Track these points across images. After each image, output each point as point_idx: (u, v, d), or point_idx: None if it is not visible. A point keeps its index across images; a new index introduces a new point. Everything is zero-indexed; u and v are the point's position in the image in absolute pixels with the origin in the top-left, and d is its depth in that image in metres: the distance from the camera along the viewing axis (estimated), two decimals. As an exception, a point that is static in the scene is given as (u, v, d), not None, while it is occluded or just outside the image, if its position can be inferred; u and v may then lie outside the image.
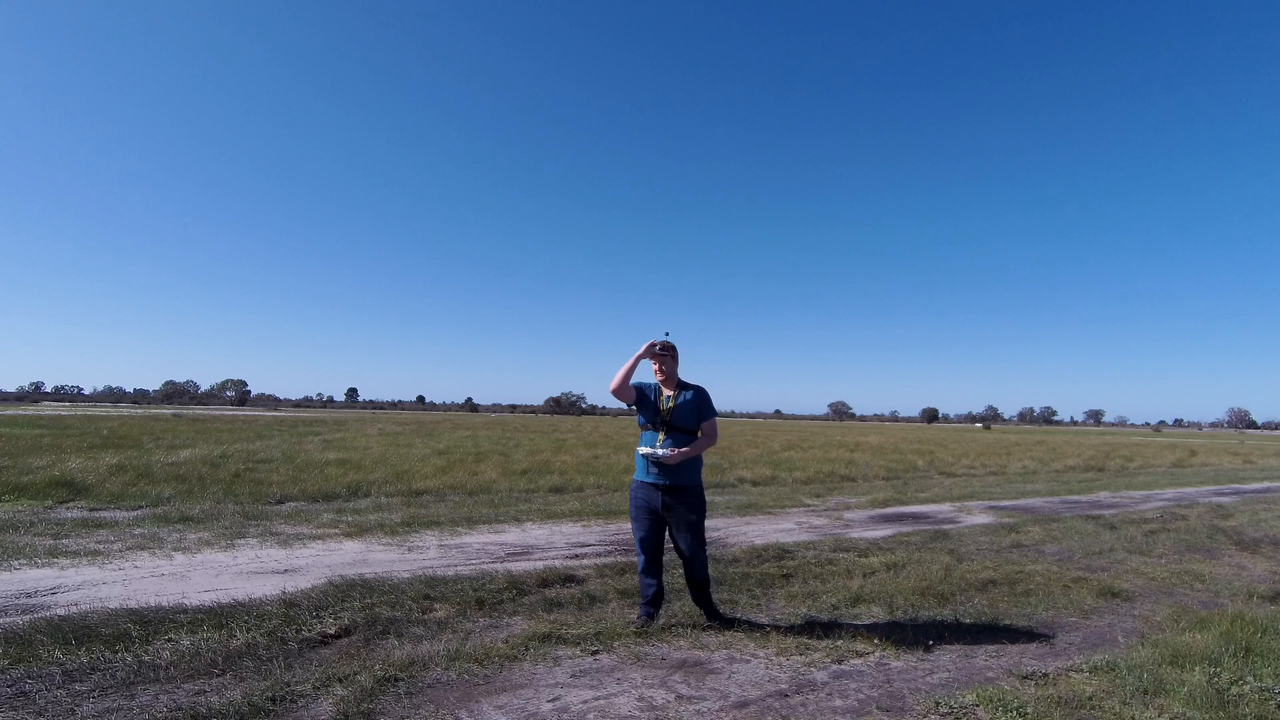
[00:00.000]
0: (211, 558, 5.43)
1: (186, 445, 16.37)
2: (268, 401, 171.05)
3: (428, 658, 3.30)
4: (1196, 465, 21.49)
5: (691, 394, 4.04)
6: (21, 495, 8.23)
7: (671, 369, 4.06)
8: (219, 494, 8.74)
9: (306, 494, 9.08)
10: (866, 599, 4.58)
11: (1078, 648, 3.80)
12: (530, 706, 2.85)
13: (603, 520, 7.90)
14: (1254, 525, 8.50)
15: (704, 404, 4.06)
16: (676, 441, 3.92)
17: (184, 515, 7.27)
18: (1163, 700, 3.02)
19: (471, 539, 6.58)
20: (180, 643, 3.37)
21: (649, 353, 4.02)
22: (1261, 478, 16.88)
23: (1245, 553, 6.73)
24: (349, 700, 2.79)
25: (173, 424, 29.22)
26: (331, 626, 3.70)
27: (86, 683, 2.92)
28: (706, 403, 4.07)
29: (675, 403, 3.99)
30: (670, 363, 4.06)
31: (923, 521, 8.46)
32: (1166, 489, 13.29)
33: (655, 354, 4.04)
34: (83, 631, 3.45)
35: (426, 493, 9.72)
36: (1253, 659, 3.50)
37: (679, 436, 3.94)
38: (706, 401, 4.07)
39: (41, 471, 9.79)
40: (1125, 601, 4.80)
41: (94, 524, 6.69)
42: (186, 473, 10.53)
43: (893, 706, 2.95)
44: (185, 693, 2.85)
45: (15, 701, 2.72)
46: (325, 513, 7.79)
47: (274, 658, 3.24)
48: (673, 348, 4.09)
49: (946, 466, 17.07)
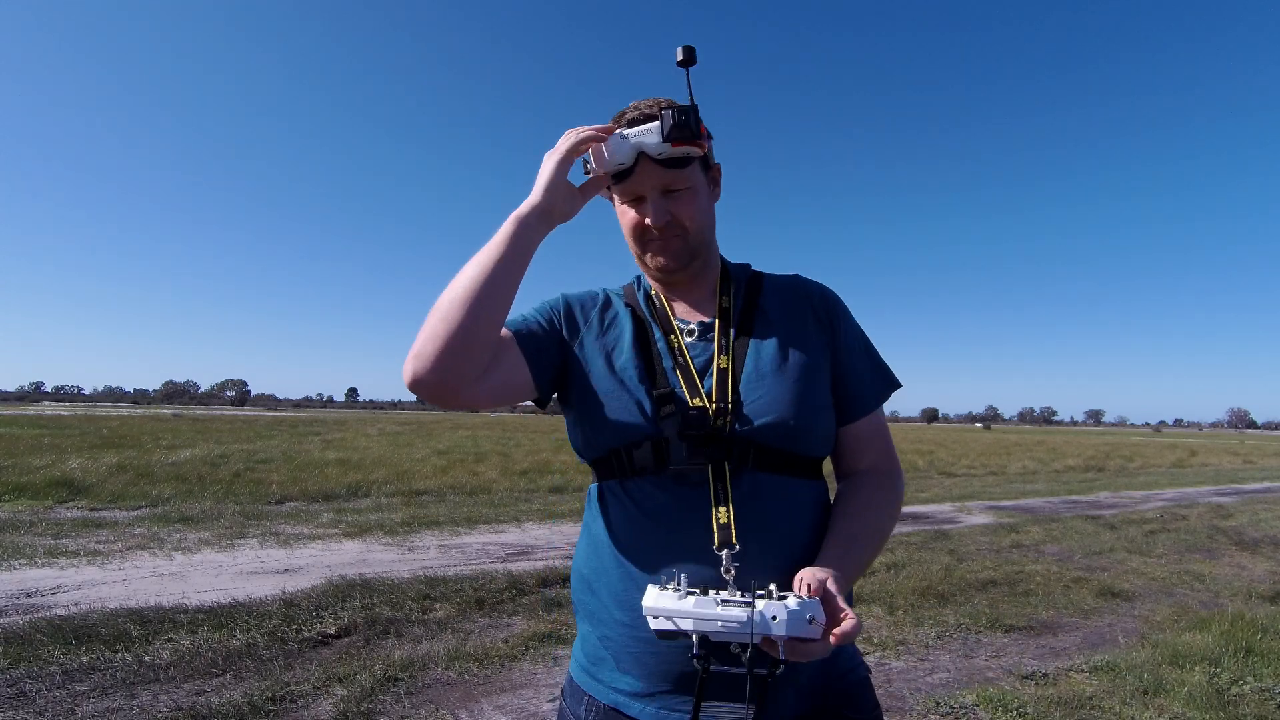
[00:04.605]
0: (211, 558, 5.43)
1: (186, 445, 16.37)
2: (268, 401, 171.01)
3: (428, 658, 3.30)
4: (1196, 465, 21.49)
5: (788, 301, 1.06)
6: (21, 495, 8.22)
7: (692, 210, 0.99)
8: (219, 494, 8.74)
9: (306, 494, 9.08)
10: (867, 599, 4.57)
11: (1078, 648, 3.79)
12: (530, 706, 2.85)
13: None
14: (1254, 525, 8.49)
15: (840, 335, 1.04)
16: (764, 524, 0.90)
17: (184, 515, 7.27)
18: (1163, 700, 3.02)
19: (471, 539, 6.58)
20: (180, 643, 3.37)
21: (585, 148, 0.96)
22: (1261, 478, 16.88)
23: (1245, 553, 6.73)
24: (349, 700, 2.79)
25: (173, 424, 29.21)
26: (331, 626, 3.70)
27: (86, 683, 2.92)
28: (840, 328, 1.04)
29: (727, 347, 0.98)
30: (690, 173, 0.98)
31: (923, 521, 8.47)
32: (1166, 489, 13.29)
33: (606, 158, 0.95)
34: (83, 631, 3.45)
35: (426, 493, 9.72)
36: (1253, 659, 3.50)
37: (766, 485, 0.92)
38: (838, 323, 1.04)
39: (41, 471, 9.78)
40: (1125, 601, 4.80)
41: (94, 524, 6.68)
42: (186, 473, 10.52)
43: (893, 706, 2.95)
44: (185, 693, 2.85)
45: (15, 701, 2.72)
46: (325, 513, 7.79)
47: (274, 658, 3.24)
48: (688, 117, 0.90)
49: (946, 466, 17.07)
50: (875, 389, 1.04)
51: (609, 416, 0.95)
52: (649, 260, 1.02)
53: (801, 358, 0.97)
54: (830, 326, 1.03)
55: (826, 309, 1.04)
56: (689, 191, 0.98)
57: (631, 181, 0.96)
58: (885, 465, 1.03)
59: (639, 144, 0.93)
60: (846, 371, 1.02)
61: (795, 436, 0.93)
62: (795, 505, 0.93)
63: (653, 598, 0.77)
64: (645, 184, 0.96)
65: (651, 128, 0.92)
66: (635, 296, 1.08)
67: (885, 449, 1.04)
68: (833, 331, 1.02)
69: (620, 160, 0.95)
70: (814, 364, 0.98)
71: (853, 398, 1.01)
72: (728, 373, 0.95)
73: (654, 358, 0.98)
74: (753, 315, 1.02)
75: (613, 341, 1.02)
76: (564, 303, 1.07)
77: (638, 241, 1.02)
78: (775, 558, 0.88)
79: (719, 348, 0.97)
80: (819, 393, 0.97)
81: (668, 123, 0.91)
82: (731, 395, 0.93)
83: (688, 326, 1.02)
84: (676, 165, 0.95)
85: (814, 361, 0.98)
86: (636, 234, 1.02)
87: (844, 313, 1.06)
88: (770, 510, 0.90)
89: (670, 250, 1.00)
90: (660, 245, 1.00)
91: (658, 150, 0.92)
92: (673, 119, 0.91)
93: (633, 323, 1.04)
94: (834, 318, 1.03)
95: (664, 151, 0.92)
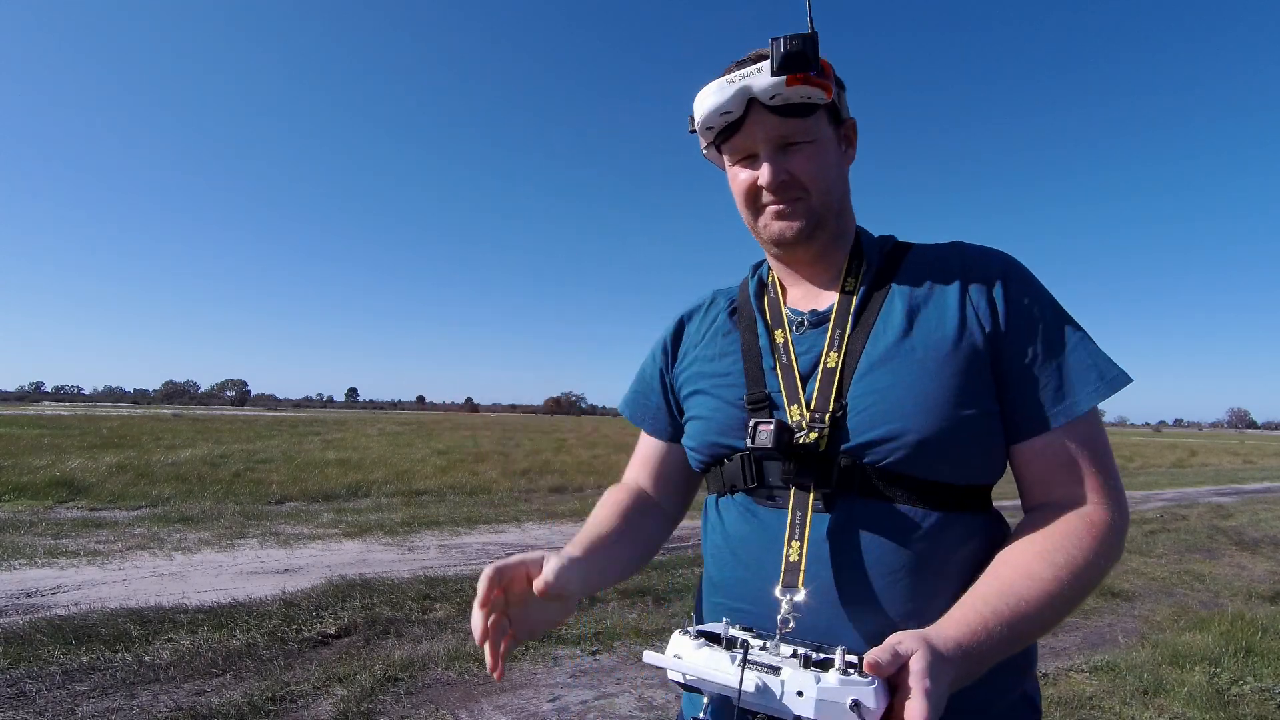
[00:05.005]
0: (211, 558, 5.43)
1: (186, 445, 16.37)
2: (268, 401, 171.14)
3: (428, 658, 3.30)
4: (1196, 465, 21.48)
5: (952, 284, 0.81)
6: (21, 495, 8.22)
7: (815, 166, 0.82)
8: (219, 494, 8.74)
9: (306, 494, 9.08)
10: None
11: (1078, 648, 3.80)
12: (530, 706, 2.85)
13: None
14: (1254, 525, 8.49)
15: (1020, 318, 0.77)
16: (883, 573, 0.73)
17: (184, 515, 7.27)
18: (1163, 700, 3.03)
19: (471, 539, 6.58)
20: (180, 643, 3.37)
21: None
22: (1261, 478, 16.88)
23: (1245, 553, 6.73)
24: (349, 700, 2.79)
25: (173, 424, 29.21)
26: (331, 626, 3.70)
27: (86, 683, 2.92)
28: (1012, 309, 0.78)
29: (839, 341, 0.80)
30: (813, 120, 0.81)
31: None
32: (1166, 489, 13.29)
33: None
34: (83, 631, 3.45)
35: (426, 493, 9.72)
36: (1253, 659, 3.50)
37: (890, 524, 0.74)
38: (1032, 303, 0.79)
39: (41, 471, 9.78)
40: (1125, 601, 4.80)
41: (94, 524, 6.68)
42: (186, 473, 10.52)
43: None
44: (185, 693, 2.85)
45: (15, 701, 2.73)
46: (325, 513, 7.79)
47: (274, 658, 3.24)
48: (805, 45, 0.74)
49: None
50: (1067, 395, 0.74)
51: (699, 426, 0.89)
52: (763, 230, 0.86)
53: (938, 351, 0.75)
54: (993, 308, 0.77)
55: (989, 283, 0.78)
56: (812, 145, 0.81)
57: (741, 135, 0.82)
58: (1084, 500, 0.73)
59: (746, 86, 0.78)
60: (1016, 370, 0.75)
61: (918, 456, 0.72)
62: (917, 545, 0.72)
63: (672, 643, 0.65)
64: (757, 136, 0.81)
65: (761, 66, 0.76)
66: (747, 288, 0.94)
67: (1089, 478, 0.74)
68: (997, 314, 0.76)
69: (726, 108, 0.80)
70: (957, 359, 0.74)
71: (1024, 406, 0.75)
72: (835, 373, 0.77)
73: (756, 357, 0.85)
74: (881, 300, 0.82)
75: (711, 346, 0.92)
76: (670, 330, 1.00)
77: (750, 208, 0.86)
78: (861, 610, 0.72)
79: (830, 342, 0.80)
80: (962, 398, 0.73)
81: (779, 52, 0.74)
82: (834, 401, 0.76)
83: (799, 317, 0.85)
84: (795, 114, 0.79)
85: (957, 355, 0.74)
86: (748, 199, 0.85)
87: (1022, 289, 0.79)
88: (869, 549, 0.73)
89: (787, 216, 0.83)
90: (775, 211, 0.83)
91: (770, 92, 0.77)
92: (785, 47, 0.74)
93: (734, 319, 0.92)
94: (1003, 295, 0.77)
95: (778, 94, 0.77)
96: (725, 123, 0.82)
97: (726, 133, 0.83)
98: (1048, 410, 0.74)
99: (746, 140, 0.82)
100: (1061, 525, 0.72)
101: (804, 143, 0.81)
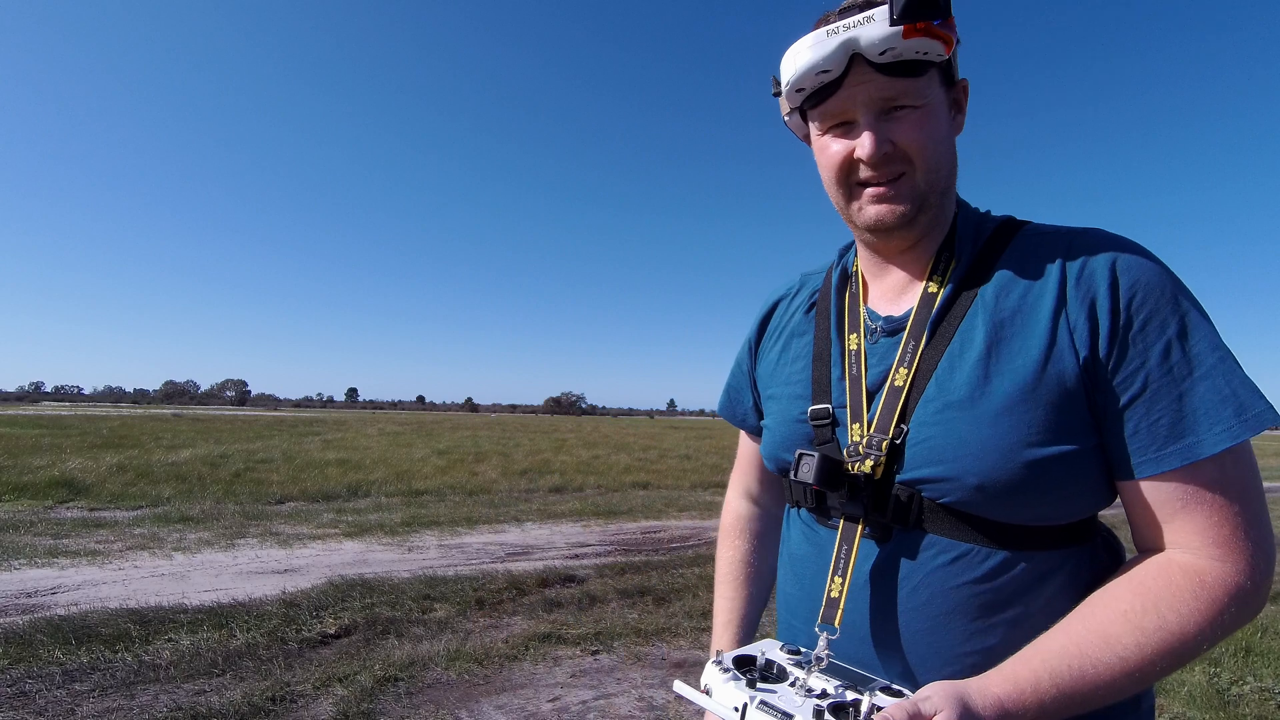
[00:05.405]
0: (211, 558, 5.43)
1: (186, 445, 16.37)
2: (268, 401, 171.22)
3: (428, 658, 3.30)
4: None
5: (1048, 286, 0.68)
6: (21, 495, 8.22)
7: (924, 135, 0.70)
8: (219, 494, 8.74)
9: (306, 494, 9.08)
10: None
11: (1078, 648, 3.80)
12: (530, 706, 2.85)
13: (603, 520, 7.90)
14: (1254, 525, 8.49)
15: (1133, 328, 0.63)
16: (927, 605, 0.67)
17: (184, 515, 7.27)
18: (1163, 700, 3.02)
19: (471, 539, 6.58)
20: (180, 643, 3.37)
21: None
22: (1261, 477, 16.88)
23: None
24: (349, 700, 2.79)
25: (173, 424, 29.20)
26: (331, 626, 3.70)
27: (86, 683, 2.92)
28: (1133, 328, 0.63)
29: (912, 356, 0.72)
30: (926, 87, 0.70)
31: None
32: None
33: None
34: (83, 631, 3.45)
35: (426, 493, 9.72)
36: (1253, 659, 3.50)
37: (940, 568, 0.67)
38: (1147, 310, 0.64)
39: (41, 471, 9.78)
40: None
41: (94, 524, 6.68)
42: (186, 473, 10.52)
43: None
44: (185, 693, 2.85)
45: (15, 701, 2.73)
46: (325, 513, 7.79)
47: (274, 658, 3.24)
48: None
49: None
50: (1189, 432, 0.61)
51: (767, 437, 0.83)
52: (857, 214, 0.74)
53: (1016, 383, 0.64)
54: (1095, 325, 0.63)
55: (1096, 292, 0.64)
56: (921, 110, 0.69)
57: (838, 97, 0.69)
58: (1201, 554, 0.61)
59: (853, 38, 0.65)
60: (1123, 401, 0.63)
61: (980, 500, 0.64)
62: (975, 587, 0.65)
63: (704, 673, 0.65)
64: (858, 99, 0.68)
65: (874, 13, 0.64)
66: (830, 278, 0.85)
67: (1214, 528, 0.61)
68: (1099, 333, 0.63)
69: (824, 65, 0.67)
70: (1039, 394, 0.63)
71: (1131, 443, 0.63)
72: (901, 393, 0.69)
73: (826, 364, 0.77)
74: (966, 305, 0.70)
75: (787, 346, 0.86)
76: (754, 325, 0.93)
77: (841, 186, 0.74)
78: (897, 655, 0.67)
79: (901, 355, 0.71)
80: (1041, 439, 0.62)
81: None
82: (895, 426, 0.68)
83: (876, 322, 0.76)
84: (906, 72, 0.66)
85: (1040, 390, 0.63)
86: (841, 175, 0.73)
87: (1141, 298, 0.63)
88: (919, 589, 0.66)
89: (889, 199, 0.71)
90: (875, 193, 0.71)
91: (882, 46, 0.64)
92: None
93: (810, 315, 0.84)
94: (1110, 308, 0.63)
95: (890, 48, 0.64)
96: (821, 83, 0.69)
97: (820, 95, 0.70)
98: (1161, 449, 0.61)
99: (844, 103, 0.70)
100: (1161, 581, 0.60)
101: (912, 107, 0.69)
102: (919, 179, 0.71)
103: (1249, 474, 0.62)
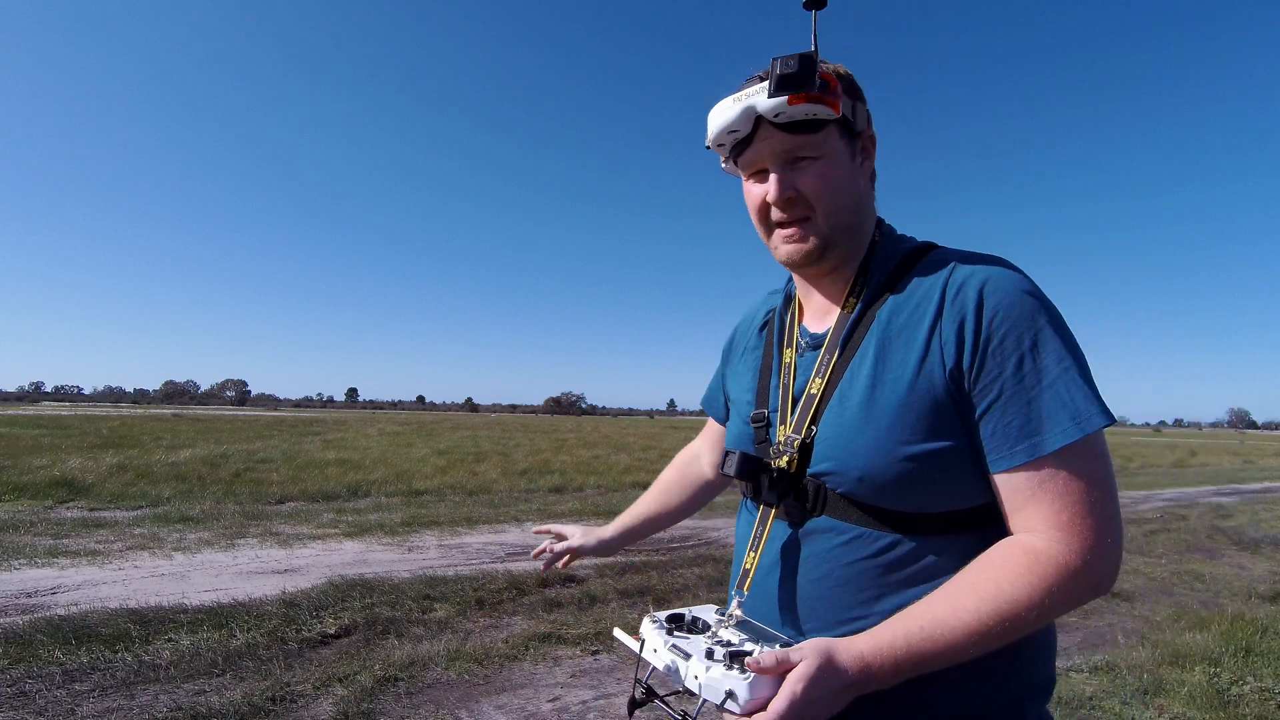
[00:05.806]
0: (211, 558, 5.43)
1: (186, 445, 16.36)
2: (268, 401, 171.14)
3: (428, 658, 3.30)
4: (1196, 465, 21.48)
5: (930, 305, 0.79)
6: (21, 495, 8.22)
7: (821, 181, 0.82)
8: (219, 494, 8.74)
9: (306, 494, 9.08)
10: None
11: (1078, 648, 3.80)
12: (530, 706, 2.85)
13: (603, 520, 7.89)
14: (1254, 525, 8.50)
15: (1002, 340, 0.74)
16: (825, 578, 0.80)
17: (184, 515, 7.27)
18: (1163, 700, 3.03)
19: (471, 539, 6.58)
20: (180, 643, 3.37)
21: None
22: (1261, 478, 16.88)
23: (1245, 553, 6.73)
24: (349, 700, 2.79)
25: (173, 424, 29.19)
26: (331, 626, 3.71)
27: (86, 683, 2.92)
28: (991, 346, 0.74)
29: (825, 368, 0.84)
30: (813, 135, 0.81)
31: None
32: (1166, 489, 13.28)
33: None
34: (83, 631, 3.45)
35: (426, 493, 9.72)
36: (1253, 659, 3.50)
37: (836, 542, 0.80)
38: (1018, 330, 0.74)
39: (41, 471, 9.78)
40: (1125, 601, 4.80)
41: (94, 524, 6.68)
42: (186, 473, 10.52)
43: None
44: (185, 693, 2.85)
45: (15, 701, 2.73)
46: (325, 513, 7.79)
47: (274, 658, 3.24)
48: (801, 66, 0.75)
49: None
50: (1035, 433, 0.71)
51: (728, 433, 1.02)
52: (774, 251, 0.88)
53: (893, 391, 0.76)
54: (961, 340, 0.74)
55: (964, 309, 0.75)
56: (820, 161, 0.81)
57: (751, 150, 0.84)
58: (1039, 535, 0.71)
59: (752, 105, 0.79)
60: (983, 406, 0.74)
61: (864, 490, 0.77)
62: (863, 564, 0.77)
63: (642, 627, 0.82)
64: (764, 151, 0.83)
65: (764, 86, 0.78)
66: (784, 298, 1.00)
67: (1055, 514, 0.70)
68: (964, 346, 0.74)
69: (734, 126, 0.82)
70: (910, 400, 0.75)
71: (989, 441, 0.74)
72: (814, 400, 0.82)
73: (767, 376, 0.93)
74: (870, 323, 0.82)
75: (744, 361, 1.02)
76: (728, 339, 1.13)
77: (763, 224, 0.88)
78: (795, 616, 0.81)
79: (818, 367, 0.84)
80: (910, 439, 0.74)
81: (775, 74, 0.76)
82: (806, 428, 0.82)
83: (805, 339, 0.90)
84: (803, 130, 0.79)
85: (911, 397, 0.75)
86: (760, 215, 0.87)
87: (1002, 315, 0.74)
88: (818, 563, 0.79)
89: (796, 240, 0.84)
90: (784, 234, 0.85)
91: (774, 110, 0.78)
92: (780, 69, 0.75)
93: (762, 334, 1.00)
94: (974, 324, 0.74)
95: (782, 112, 0.78)
96: (735, 140, 0.85)
97: (738, 148, 0.85)
98: (1012, 447, 0.72)
99: (757, 155, 0.84)
100: (1001, 556, 0.72)
101: (813, 158, 0.82)
102: (820, 221, 0.83)
103: (1094, 467, 0.73)
